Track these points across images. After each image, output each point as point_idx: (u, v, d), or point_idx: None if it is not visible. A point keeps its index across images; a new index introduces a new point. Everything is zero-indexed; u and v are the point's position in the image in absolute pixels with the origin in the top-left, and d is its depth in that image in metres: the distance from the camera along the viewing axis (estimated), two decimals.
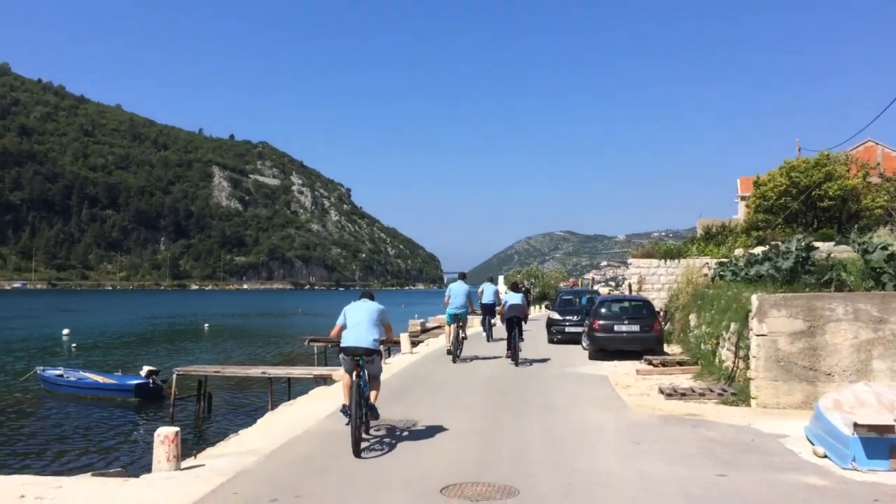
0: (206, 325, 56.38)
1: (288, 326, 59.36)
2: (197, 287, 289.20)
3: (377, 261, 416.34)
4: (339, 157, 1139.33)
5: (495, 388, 13.62)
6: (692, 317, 18.59)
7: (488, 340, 22.69)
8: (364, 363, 8.63)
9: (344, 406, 8.89)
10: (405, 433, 9.46)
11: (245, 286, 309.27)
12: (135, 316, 75.26)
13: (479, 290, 21.18)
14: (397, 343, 17.04)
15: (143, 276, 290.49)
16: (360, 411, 8.39)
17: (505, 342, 18.24)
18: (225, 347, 40.69)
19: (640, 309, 18.46)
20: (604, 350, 18.08)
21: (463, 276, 19.47)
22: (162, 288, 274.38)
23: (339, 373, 16.29)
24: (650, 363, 16.47)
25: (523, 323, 18.40)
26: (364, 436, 8.63)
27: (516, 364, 16.84)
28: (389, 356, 23.28)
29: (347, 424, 8.40)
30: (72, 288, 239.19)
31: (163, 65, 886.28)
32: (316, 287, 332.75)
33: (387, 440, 9.04)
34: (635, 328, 17.76)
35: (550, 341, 23.00)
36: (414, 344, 24.72)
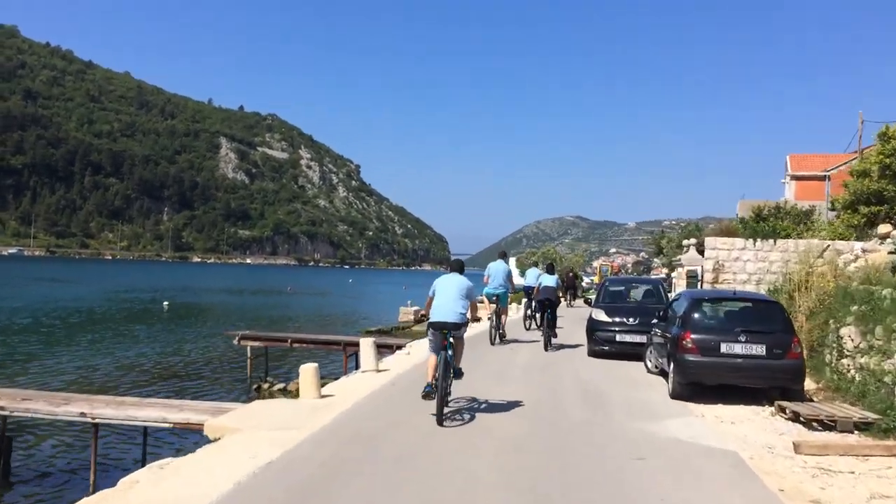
0: (166, 303, 49.11)
1: (266, 308, 52.10)
2: (199, 260, 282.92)
3: (384, 239, 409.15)
4: (349, 133, 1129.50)
5: (511, 486, 6.25)
6: (847, 331, 11.12)
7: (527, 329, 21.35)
8: (452, 335, 8.83)
9: (428, 384, 8.73)
10: None
11: (248, 260, 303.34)
12: (109, 289, 68.25)
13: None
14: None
15: (145, 246, 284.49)
16: (447, 382, 8.64)
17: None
18: (170, 338, 32.76)
19: (766, 315, 10.91)
20: (698, 384, 10.65)
21: (504, 256, 19.15)
22: (163, 259, 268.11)
23: (217, 422, 8.87)
24: (798, 419, 9.09)
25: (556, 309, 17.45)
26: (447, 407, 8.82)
27: (546, 349, 16.25)
28: (347, 374, 16.18)
29: (424, 398, 8.69)
30: (70, 256, 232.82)
31: (174, 33, 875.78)
32: (321, 264, 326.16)
33: None
34: (758, 349, 10.26)
35: (592, 353, 15.59)
36: (388, 348, 17.47)
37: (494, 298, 17.21)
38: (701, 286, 18.71)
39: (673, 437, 8.36)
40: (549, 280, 17.65)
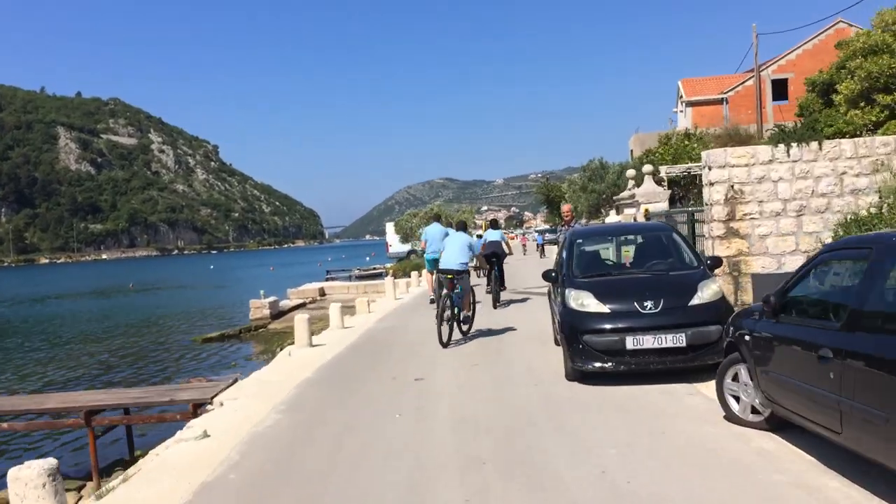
0: None
1: (84, 318, 41.69)
2: (48, 261, 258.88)
3: (252, 219, 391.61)
4: (202, 112, 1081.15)
5: None
6: None
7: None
8: (456, 280, 11.26)
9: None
10: None
11: (104, 256, 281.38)
12: None
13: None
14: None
15: None
16: (452, 319, 11.27)
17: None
18: None
19: None
20: None
21: (438, 218, 20.59)
22: (6, 264, 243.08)
23: None
24: None
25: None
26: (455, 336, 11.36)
27: (495, 306, 15.69)
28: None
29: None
30: None
31: None
32: (185, 252, 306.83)
33: None
34: None
35: (576, 374, 7.99)
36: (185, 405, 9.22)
37: (435, 263, 15.02)
38: (708, 229, 11.60)
39: None
40: (495, 235, 17.30)
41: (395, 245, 55.76)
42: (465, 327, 11.76)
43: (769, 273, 11.22)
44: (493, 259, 16.22)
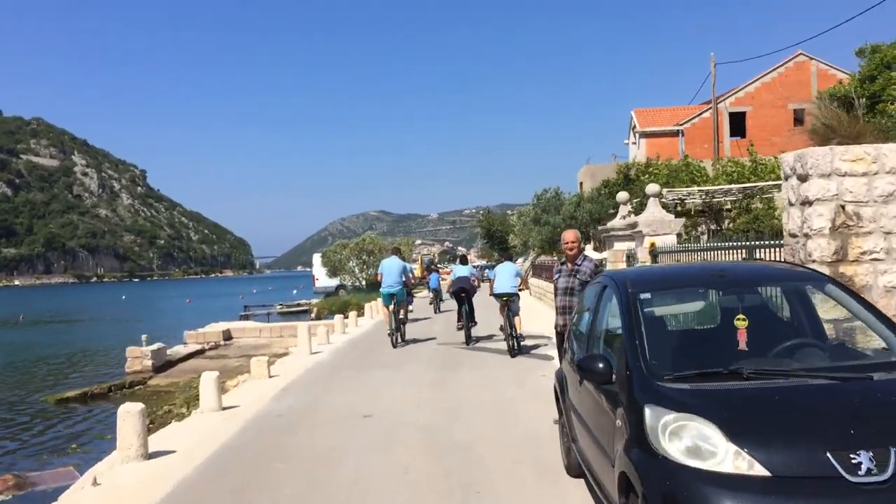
0: None
1: None
2: None
3: (178, 247, 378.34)
4: (131, 135, 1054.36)
5: None
6: None
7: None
8: (509, 301, 13.56)
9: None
10: None
11: (17, 282, 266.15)
12: None
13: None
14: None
15: None
16: (511, 336, 13.50)
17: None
18: None
19: None
20: None
21: (397, 251, 17.80)
22: None
23: None
24: None
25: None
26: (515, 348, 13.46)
27: (468, 343, 15.61)
28: None
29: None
30: None
31: None
32: (105, 279, 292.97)
33: None
34: None
35: None
36: None
37: (392, 297, 15.88)
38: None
39: None
40: (463, 270, 16.72)
41: (322, 279, 49.88)
42: (520, 342, 13.80)
43: None
44: (462, 295, 15.85)
